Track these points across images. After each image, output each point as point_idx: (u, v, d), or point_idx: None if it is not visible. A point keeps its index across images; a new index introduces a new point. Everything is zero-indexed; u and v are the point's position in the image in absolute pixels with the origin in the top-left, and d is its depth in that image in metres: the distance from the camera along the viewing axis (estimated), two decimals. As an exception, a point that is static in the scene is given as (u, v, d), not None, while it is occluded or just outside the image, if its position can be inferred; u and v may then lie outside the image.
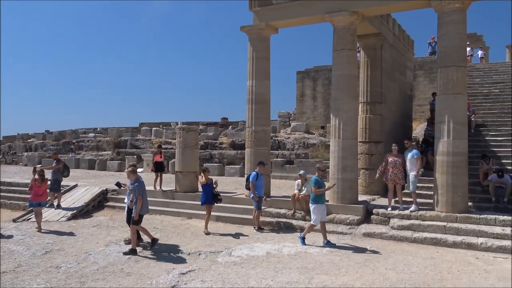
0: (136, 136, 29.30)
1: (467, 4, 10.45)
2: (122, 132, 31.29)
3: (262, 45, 13.19)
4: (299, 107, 28.42)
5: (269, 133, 13.80)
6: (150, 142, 27.47)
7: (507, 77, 18.94)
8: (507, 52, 31.64)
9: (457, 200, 10.26)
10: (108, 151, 28.94)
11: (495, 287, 6.85)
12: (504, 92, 17.56)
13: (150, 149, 26.28)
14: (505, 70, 20.04)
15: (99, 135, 33.40)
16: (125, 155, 26.65)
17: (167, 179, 16.00)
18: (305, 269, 7.74)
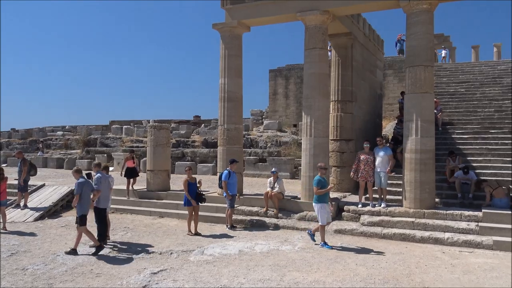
0: (106, 134, 28.78)
1: (435, 5, 10.71)
2: (92, 130, 30.67)
3: (234, 43, 13.16)
4: (272, 105, 28.53)
5: (242, 131, 13.80)
6: (121, 140, 27.03)
7: (472, 77, 19.55)
8: (473, 53, 32.69)
9: (425, 196, 10.52)
10: (77, 150, 28.30)
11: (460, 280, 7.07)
12: (470, 91, 18.10)
13: (121, 148, 25.86)
14: (470, 70, 20.68)
15: (68, 133, 32.62)
16: (95, 153, 26.11)
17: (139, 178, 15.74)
18: (278, 267, 7.78)
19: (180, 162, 22.82)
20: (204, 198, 10.88)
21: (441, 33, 33.08)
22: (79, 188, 8.71)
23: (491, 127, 14.83)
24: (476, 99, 17.26)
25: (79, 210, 8.75)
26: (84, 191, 8.75)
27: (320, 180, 9.24)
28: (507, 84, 17.94)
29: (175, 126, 28.23)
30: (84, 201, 8.78)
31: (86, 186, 8.81)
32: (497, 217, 9.68)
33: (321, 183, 9.21)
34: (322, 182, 9.23)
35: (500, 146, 13.61)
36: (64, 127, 36.44)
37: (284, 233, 10.55)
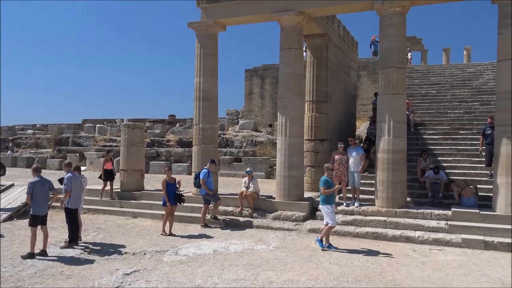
0: (78, 133, 28.22)
1: (407, 8, 10.93)
2: (64, 128, 30.02)
3: (209, 42, 13.10)
4: (247, 105, 28.55)
5: (217, 131, 13.76)
6: (94, 140, 26.54)
7: (443, 79, 20.03)
8: (444, 55, 33.47)
9: (397, 195, 10.73)
10: (48, 149, 27.64)
11: (429, 277, 7.24)
12: (440, 93, 18.53)
13: (94, 147, 25.41)
14: (441, 72, 21.18)
15: (39, 132, 31.84)
16: (66, 152, 25.56)
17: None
18: (252, 266, 7.80)
19: (154, 162, 22.58)
20: (183, 199, 10.80)
21: (414, 36, 33.73)
22: (30, 188, 8.44)
23: (460, 128, 15.24)
24: (447, 101, 17.69)
25: (31, 210, 8.50)
26: (36, 191, 8.45)
27: (327, 180, 9.01)
28: (476, 86, 18.47)
29: (150, 125, 27.93)
30: (36, 202, 8.47)
31: (38, 186, 8.49)
32: (465, 215, 9.95)
33: (328, 183, 8.97)
34: (329, 183, 9.01)
35: (469, 146, 14.01)
36: (34, 126, 35.56)
37: (259, 233, 10.57)
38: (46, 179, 8.74)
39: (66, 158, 24.43)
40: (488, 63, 20.71)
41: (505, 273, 7.43)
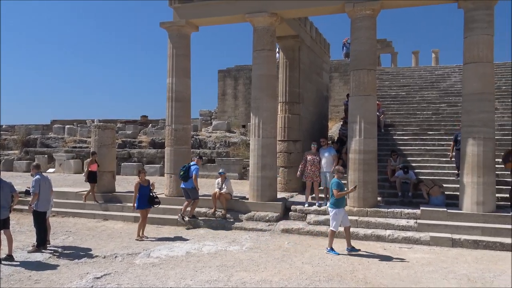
0: (47, 134, 27.50)
1: (377, 11, 11.14)
2: (32, 129, 29.16)
3: (182, 42, 13.01)
4: (221, 106, 28.48)
5: (190, 132, 13.68)
6: (63, 141, 25.92)
7: (412, 81, 20.52)
8: (413, 58, 34.27)
9: (368, 195, 10.92)
10: (15, 150, 26.82)
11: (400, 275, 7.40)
12: (410, 95, 18.98)
13: (63, 148, 24.83)
14: (410, 74, 21.68)
15: (5, 133, 30.81)
16: (34, 154, 24.88)
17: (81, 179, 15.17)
18: (225, 267, 7.79)
19: (126, 163, 22.26)
20: (157, 201, 10.62)
21: (384, 39, 34.41)
22: None
23: (429, 129, 15.64)
24: (416, 102, 18.13)
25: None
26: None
27: (339, 183, 8.79)
28: (444, 88, 19.00)
29: (122, 126, 27.47)
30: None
31: None
32: (433, 214, 10.22)
33: (340, 186, 8.75)
34: (341, 185, 8.80)
35: (437, 147, 14.40)
36: (0, 126, 34.42)
37: (232, 234, 10.57)
38: (6, 182, 8.39)
39: (34, 159, 23.79)
40: (455, 65, 21.33)
41: (471, 269, 7.68)
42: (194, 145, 21.98)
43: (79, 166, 23.07)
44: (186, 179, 11.44)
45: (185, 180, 11.47)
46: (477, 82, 10.14)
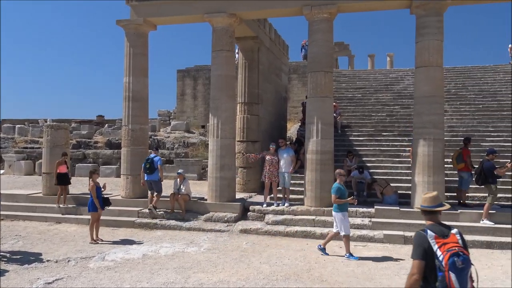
0: (-4, 134, 26.23)
1: (334, 15, 11.39)
2: (-21, 129, 27.75)
3: (139, 41, 12.78)
4: (180, 106, 28.20)
5: (147, 132, 13.46)
6: (13, 141, 24.83)
7: (368, 83, 21.07)
8: (369, 61, 35.27)
9: (324, 195, 11.11)
10: (-40, 151, 25.43)
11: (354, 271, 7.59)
12: (365, 97, 19.48)
13: (13, 149, 23.78)
14: (366, 77, 22.25)
15: (-51, 133, 29.16)
16: (-18, 155, 23.68)
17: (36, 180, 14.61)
18: (182, 269, 7.71)
19: (81, 164, 21.59)
20: (110, 202, 10.38)
21: (342, 42, 35.22)
22: None
23: (383, 130, 16.13)
24: (371, 104, 18.64)
25: None
26: None
27: (340, 187, 8.65)
28: (398, 91, 19.63)
29: (76, 126, 26.65)
30: None
31: None
32: (387, 212, 10.56)
33: (340, 191, 8.62)
34: (341, 190, 8.65)
35: (391, 147, 14.87)
36: None
37: (190, 235, 10.48)
38: None
39: (-19, 161, 22.65)
40: (408, 69, 22.08)
41: (421, 265, 7.97)
42: (152, 146, 21.51)
43: (30, 168, 22.17)
44: (152, 171, 11.55)
45: (150, 172, 11.56)
46: (428, 85, 10.57)
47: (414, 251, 3.57)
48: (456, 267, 3.39)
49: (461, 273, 3.40)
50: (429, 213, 3.79)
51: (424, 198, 3.85)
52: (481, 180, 10.25)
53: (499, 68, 21.22)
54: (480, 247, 9.23)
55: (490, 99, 17.88)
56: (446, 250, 3.45)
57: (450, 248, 3.46)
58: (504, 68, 21.20)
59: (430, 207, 3.78)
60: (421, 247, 3.51)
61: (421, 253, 3.49)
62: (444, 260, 3.41)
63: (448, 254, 3.43)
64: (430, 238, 3.53)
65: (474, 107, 17.28)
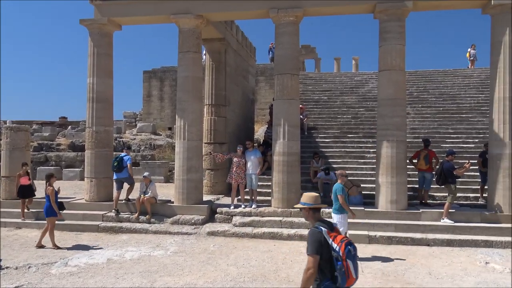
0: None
1: (300, 18, 11.53)
2: None
3: (104, 41, 12.53)
4: (146, 107, 27.79)
5: (112, 134, 13.19)
6: (-30, 143, 23.80)
7: (333, 86, 21.42)
8: (335, 64, 35.85)
9: (291, 196, 11.23)
10: None
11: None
12: (331, 99, 19.80)
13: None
14: (332, 80, 22.61)
15: None
16: None
17: None
18: (148, 273, 7.61)
19: (42, 167, 20.93)
20: (65, 207, 10.07)
21: (308, 45, 35.67)
22: None
23: (348, 132, 16.43)
24: (337, 107, 18.95)
25: None
26: None
27: (344, 188, 8.70)
28: (362, 93, 20.05)
29: (38, 128, 25.83)
30: None
31: None
32: (352, 213, 10.74)
33: (344, 191, 8.69)
34: (344, 191, 8.70)
35: (356, 149, 15.17)
36: None
37: (157, 238, 10.35)
38: None
39: None
40: (372, 72, 22.58)
41: (385, 264, 8.18)
42: (117, 148, 21.23)
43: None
44: (120, 169, 11.60)
45: (119, 170, 11.61)
46: (391, 88, 10.85)
47: (310, 247, 3.84)
48: (351, 255, 3.80)
49: (354, 260, 3.82)
50: (315, 211, 4.07)
51: (307, 197, 4.12)
52: (441, 180, 10.60)
53: (458, 72, 22.06)
54: (440, 245, 9.54)
55: (450, 102, 18.54)
56: (340, 241, 3.80)
57: (342, 239, 3.82)
58: (462, 72, 22.06)
59: (316, 204, 4.06)
60: (317, 243, 3.80)
61: (318, 248, 3.78)
62: (341, 250, 3.76)
63: (343, 244, 3.78)
64: (324, 234, 3.84)
65: (435, 110, 17.87)
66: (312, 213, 4.07)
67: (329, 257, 3.80)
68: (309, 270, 3.79)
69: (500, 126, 10.47)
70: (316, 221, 4.02)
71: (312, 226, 3.99)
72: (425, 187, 11.57)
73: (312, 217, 4.07)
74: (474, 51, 24.49)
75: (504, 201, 10.34)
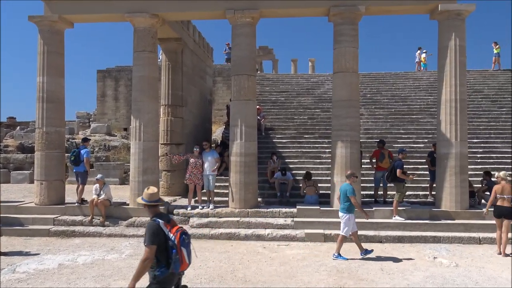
0: None
1: (256, 19, 11.60)
2: None
3: (54, 39, 12.09)
4: (100, 107, 27.04)
5: (64, 135, 12.76)
6: None
7: (290, 87, 21.71)
8: (292, 65, 36.30)
9: (249, 196, 11.28)
10: None
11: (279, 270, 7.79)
12: (288, 100, 20.05)
13: None
14: (289, 81, 22.91)
15: None
16: None
17: None
18: (102, 277, 7.42)
19: (-12, 170, 19.93)
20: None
21: (266, 46, 35.95)
22: None
23: (305, 133, 16.71)
24: (294, 108, 19.21)
25: None
26: None
27: (354, 189, 8.73)
28: (318, 95, 20.44)
29: (-17, 129, 24.56)
30: None
31: None
32: (308, 212, 10.95)
33: (355, 192, 8.72)
34: (355, 192, 8.75)
35: (312, 149, 15.45)
36: None
37: (111, 242, 10.10)
38: None
39: None
40: (328, 74, 23.06)
41: (340, 261, 8.38)
42: (70, 149, 20.54)
43: None
44: (77, 163, 11.65)
45: (75, 164, 11.67)
46: (345, 90, 11.13)
47: (148, 239, 4.26)
48: (185, 243, 4.34)
49: (188, 247, 4.37)
50: (152, 206, 4.54)
51: (145, 194, 4.57)
52: (391, 177, 10.97)
53: (409, 75, 22.94)
54: (392, 242, 9.89)
55: (401, 103, 19.24)
56: (176, 231, 4.32)
57: (177, 229, 4.35)
58: (413, 75, 22.96)
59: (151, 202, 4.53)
60: (154, 235, 4.24)
61: (154, 239, 4.23)
62: (176, 239, 4.28)
63: (178, 234, 4.31)
64: (162, 225, 4.31)
65: (387, 111, 18.48)
66: (148, 208, 4.53)
67: (165, 246, 4.26)
68: (146, 260, 4.20)
69: (447, 127, 10.98)
70: (153, 215, 4.44)
71: (150, 219, 4.43)
72: (384, 185, 11.90)
73: (149, 212, 4.51)
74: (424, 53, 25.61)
75: (451, 198, 10.84)
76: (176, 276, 4.44)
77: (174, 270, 4.30)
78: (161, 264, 4.29)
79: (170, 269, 4.28)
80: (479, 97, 19.49)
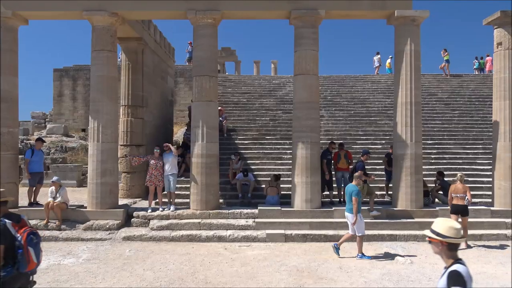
0: None
1: (218, 21, 11.59)
2: None
3: (8, 36, 11.61)
4: (57, 107, 26.21)
5: (17, 136, 12.30)
6: None
7: (252, 89, 21.80)
8: (255, 67, 36.48)
9: (210, 198, 11.25)
10: None
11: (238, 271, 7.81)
12: (250, 102, 20.13)
13: None
14: (251, 83, 23.00)
15: None
16: None
17: None
18: (57, 282, 7.21)
19: None
20: None
21: (229, 47, 35.93)
22: None
23: (267, 134, 16.83)
24: (256, 109, 19.31)
25: None
26: None
27: (359, 191, 8.92)
28: (280, 96, 20.63)
29: None
30: None
31: None
32: (269, 212, 11.03)
33: (360, 194, 8.90)
34: (360, 193, 8.91)
35: (274, 150, 15.59)
36: None
37: (68, 246, 9.81)
38: None
39: None
40: (290, 76, 23.27)
41: (300, 261, 8.50)
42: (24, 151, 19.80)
43: None
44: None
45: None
46: (305, 92, 11.30)
47: None
48: (33, 243, 4.39)
49: (36, 247, 4.42)
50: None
51: None
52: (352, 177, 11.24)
53: (368, 78, 23.54)
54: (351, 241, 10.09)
55: (360, 105, 19.72)
56: (23, 231, 4.39)
57: (25, 229, 4.42)
58: (371, 78, 23.58)
59: None
60: (1, 235, 4.27)
61: (1, 239, 4.26)
62: (23, 239, 4.35)
63: (25, 234, 4.38)
64: (9, 226, 4.37)
65: (347, 113, 18.90)
66: None
67: (12, 246, 4.31)
68: None
69: (403, 128, 11.35)
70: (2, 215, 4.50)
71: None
72: (342, 185, 12.16)
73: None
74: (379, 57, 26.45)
75: (407, 197, 11.22)
76: (23, 276, 4.48)
77: (21, 270, 4.37)
78: (8, 264, 4.34)
79: (15, 269, 4.34)
80: (433, 100, 20.25)
